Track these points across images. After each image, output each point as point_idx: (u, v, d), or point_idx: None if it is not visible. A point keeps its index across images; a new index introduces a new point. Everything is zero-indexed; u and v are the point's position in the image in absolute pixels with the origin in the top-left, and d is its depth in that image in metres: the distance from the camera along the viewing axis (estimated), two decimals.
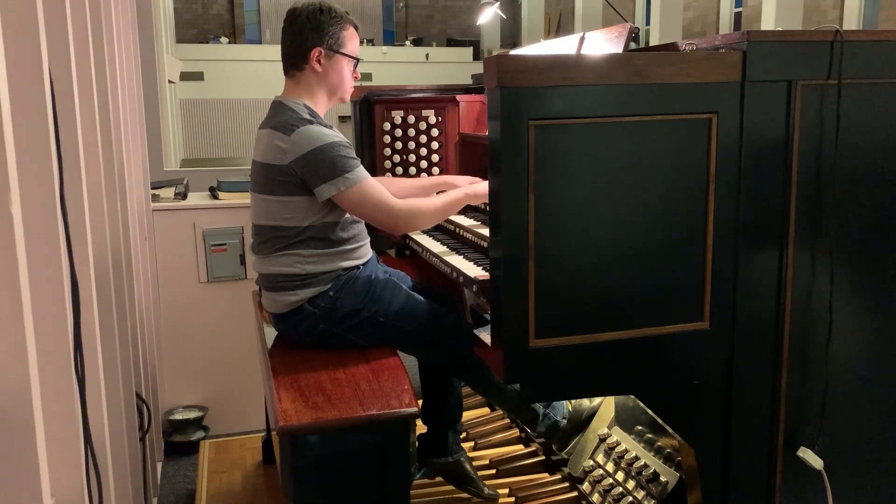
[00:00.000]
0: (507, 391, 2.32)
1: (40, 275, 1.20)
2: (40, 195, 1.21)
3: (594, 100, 1.55)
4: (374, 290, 2.16)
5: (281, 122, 2.11)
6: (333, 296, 2.13)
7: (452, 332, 2.20)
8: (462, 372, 2.33)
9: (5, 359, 1.00)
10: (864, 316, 1.83)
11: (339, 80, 2.23)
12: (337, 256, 2.15)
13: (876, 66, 1.70)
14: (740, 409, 1.76)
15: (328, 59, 2.19)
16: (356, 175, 2.06)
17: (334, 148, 2.06)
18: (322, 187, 2.05)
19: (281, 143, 2.08)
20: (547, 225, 1.55)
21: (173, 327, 3.35)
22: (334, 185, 2.05)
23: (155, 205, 3.28)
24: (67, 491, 1.31)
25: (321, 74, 2.20)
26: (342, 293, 2.13)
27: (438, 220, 2.29)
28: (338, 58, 2.21)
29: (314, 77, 2.20)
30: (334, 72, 2.22)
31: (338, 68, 2.22)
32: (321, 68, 2.19)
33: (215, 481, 2.98)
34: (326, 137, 2.06)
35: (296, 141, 2.06)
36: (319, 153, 2.04)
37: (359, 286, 2.15)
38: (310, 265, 2.13)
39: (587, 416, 2.53)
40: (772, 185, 1.68)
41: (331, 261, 2.15)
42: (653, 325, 1.67)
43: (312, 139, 2.06)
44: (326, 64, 2.20)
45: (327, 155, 2.04)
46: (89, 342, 1.52)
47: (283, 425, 1.73)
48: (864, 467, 1.89)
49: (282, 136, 2.08)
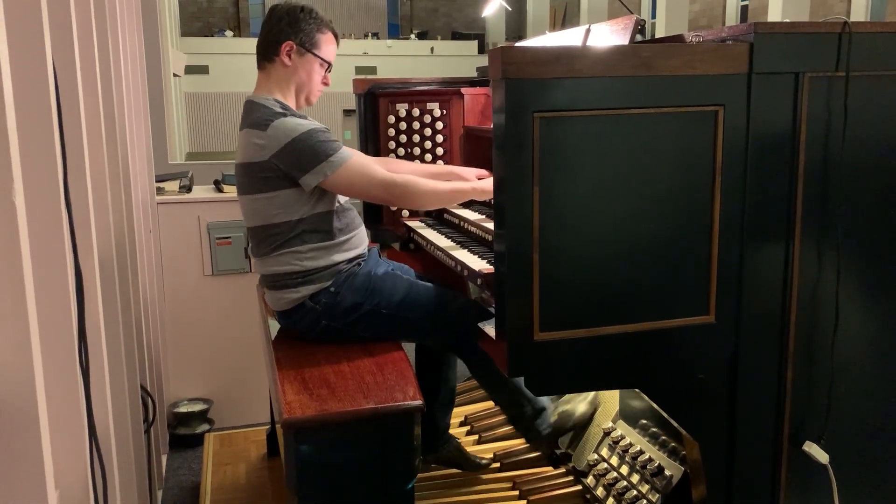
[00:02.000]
0: (508, 386, 2.32)
1: (44, 266, 1.20)
2: (44, 186, 1.21)
3: (600, 92, 1.54)
4: (374, 283, 2.15)
5: (255, 120, 2.10)
6: (334, 291, 2.12)
7: (460, 315, 2.16)
8: (470, 356, 2.26)
9: (9, 350, 1.00)
10: (870, 310, 1.82)
11: (306, 79, 2.21)
12: (334, 249, 2.14)
13: (884, 58, 1.68)
14: (745, 403, 1.75)
15: (299, 55, 2.18)
16: (339, 157, 2.05)
17: (312, 135, 2.04)
18: (307, 177, 2.04)
19: (258, 139, 2.06)
20: (551, 218, 1.55)
21: (178, 320, 3.35)
22: (320, 172, 2.04)
23: (160, 198, 3.28)
24: (71, 482, 1.31)
25: (290, 69, 2.18)
26: (343, 288, 2.12)
27: (438, 205, 2.28)
28: (309, 57, 2.19)
29: (283, 71, 2.19)
30: (303, 70, 2.20)
31: (307, 67, 2.20)
32: (290, 63, 2.18)
33: (220, 474, 2.99)
34: (302, 127, 2.05)
35: (272, 135, 2.04)
36: (298, 143, 2.03)
37: (358, 281, 2.14)
38: (309, 261, 2.12)
39: (573, 424, 2.53)
40: (778, 178, 1.67)
41: (328, 254, 2.13)
42: (658, 319, 1.66)
43: (289, 131, 2.04)
44: (297, 60, 2.18)
45: (306, 144, 2.03)
46: (93, 334, 1.52)
47: (287, 418, 1.72)
48: (870, 461, 1.88)
49: (258, 132, 2.07)
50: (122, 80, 2.39)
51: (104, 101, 1.93)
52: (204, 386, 3.44)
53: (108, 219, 1.91)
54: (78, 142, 1.52)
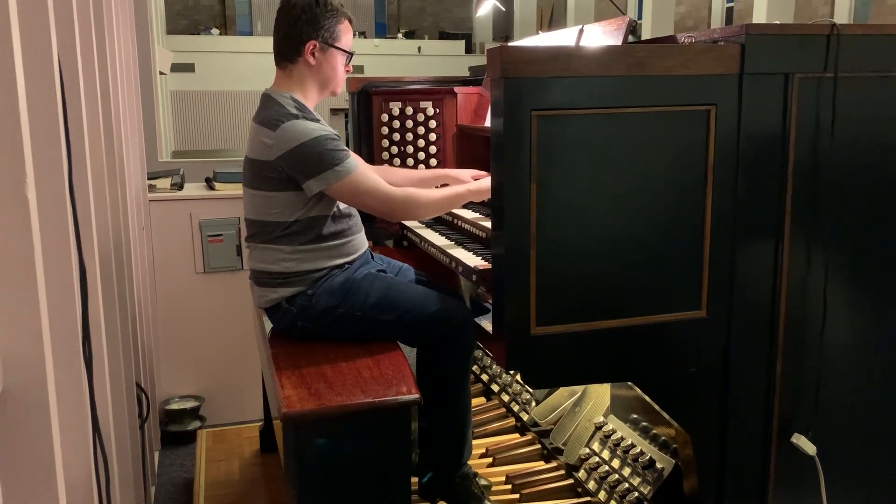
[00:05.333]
0: (461, 410, 2.24)
1: (51, 260, 1.21)
2: (50, 182, 1.22)
3: (596, 91, 1.57)
4: (350, 286, 2.13)
5: (267, 118, 2.10)
6: (310, 294, 2.12)
7: (438, 320, 2.12)
8: (440, 359, 2.17)
9: (23, 341, 1.01)
10: (857, 306, 1.87)
11: (332, 74, 2.22)
12: (321, 253, 2.13)
13: (871, 59, 1.73)
14: (736, 396, 1.79)
15: (322, 52, 2.18)
16: (345, 167, 2.05)
17: (320, 142, 2.03)
18: (310, 182, 2.04)
19: (266, 138, 2.07)
20: (548, 214, 1.58)
21: (169, 318, 3.36)
22: (323, 179, 2.03)
23: (152, 195, 3.29)
24: (76, 476, 1.32)
25: (314, 68, 2.19)
26: (318, 291, 2.12)
27: (437, 213, 2.29)
28: (332, 51, 2.20)
29: (307, 70, 2.19)
30: (328, 65, 2.20)
31: (332, 62, 2.21)
32: (315, 61, 2.18)
33: (213, 470, 3.00)
34: (312, 132, 2.04)
35: (281, 137, 2.04)
36: (305, 149, 2.02)
37: (335, 284, 2.12)
38: (292, 262, 2.12)
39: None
40: (769, 176, 1.71)
41: (314, 259, 2.12)
42: (651, 314, 1.70)
43: (297, 135, 2.03)
44: (321, 57, 2.18)
45: (314, 150, 2.03)
46: (95, 330, 1.53)
47: (286, 411, 1.75)
48: (856, 453, 1.92)
49: (267, 131, 2.07)
50: (117, 77, 2.40)
51: (102, 99, 1.94)
52: (195, 383, 3.45)
53: (106, 215, 1.92)
54: (80, 139, 1.54)
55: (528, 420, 2.79)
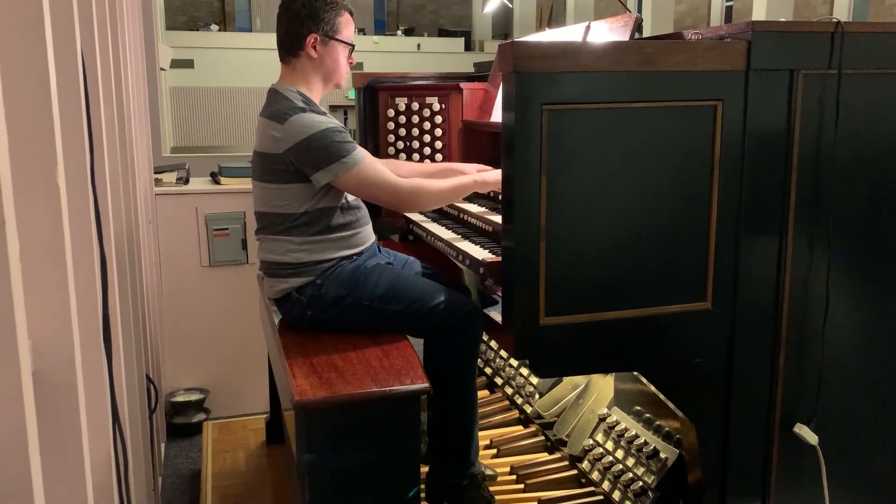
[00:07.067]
0: (468, 403, 2.23)
1: (77, 250, 1.24)
2: (75, 174, 1.25)
3: (605, 86, 1.60)
4: (359, 276, 2.16)
5: (274, 111, 2.14)
6: (320, 283, 2.15)
7: (444, 312, 2.13)
8: (447, 350, 2.17)
9: (52, 325, 1.04)
10: (859, 299, 1.90)
11: (334, 67, 2.26)
12: (330, 244, 2.17)
13: (874, 56, 1.76)
14: (740, 386, 1.83)
15: (324, 45, 2.22)
16: (353, 158, 2.08)
17: (328, 134, 2.07)
18: (318, 174, 2.08)
19: (275, 132, 2.10)
20: (558, 207, 1.61)
21: (175, 311, 3.38)
22: (331, 171, 2.07)
23: (158, 189, 3.31)
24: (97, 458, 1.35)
25: (317, 61, 2.22)
26: (328, 281, 2.15)
27: (443, 203, 2.33)
28: (333, 44, 2.23)
29: (310, 64, 2.23)
30: (330, 58, 2.24)
31: (333, 55, 2.24)
32: (317, 55, 2.21)
33: (219, 461, 3.03)
34: (319, 125, 2.08)
35: (288, 130, 2.08)
36: (314, 141, 2.06)
37: (344, 275, 2.16)
38: (302, 253, 2.15)
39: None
40: (773, 171, 1.75)
41: (323, 250, 2.16)
42: (657, 305, 1.73)
43: (305, 127, 2.07)
44: (322, 50, 2.22)
45: (322, 142, 2.06)
46: (112, 319, 1.56)
47: (298, 400, 1.77)
48: (857, 442, 1.96)
49: (275, 125, 2.11)
50: (129, 73, 2.42)
51: (116, 95, 1.97)
52: (200, 376, 3.48)
53: (120, 208, 1.94)
54: (99, 133, 1.56)
55: (531, 412, 2.83)
